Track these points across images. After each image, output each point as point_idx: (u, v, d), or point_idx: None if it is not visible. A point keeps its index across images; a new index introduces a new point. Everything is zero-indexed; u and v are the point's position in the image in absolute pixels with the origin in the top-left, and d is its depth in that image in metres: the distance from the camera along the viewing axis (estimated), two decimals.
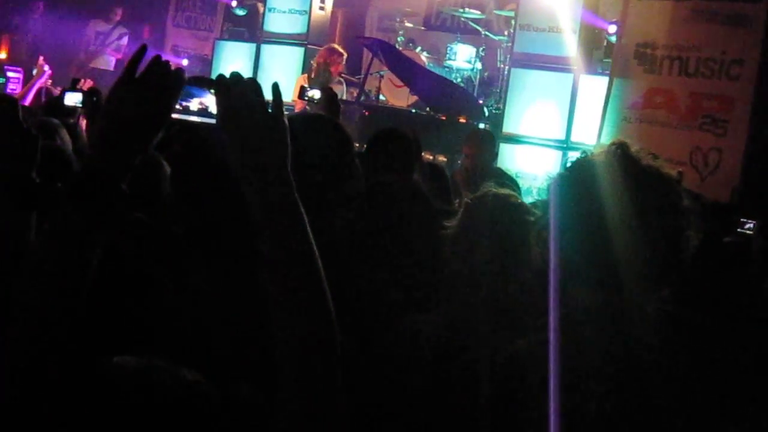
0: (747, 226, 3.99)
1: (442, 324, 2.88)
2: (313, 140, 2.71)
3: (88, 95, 5.44)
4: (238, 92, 1.85)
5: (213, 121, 1.91)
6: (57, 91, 8.48)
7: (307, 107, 7.58)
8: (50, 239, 1.81)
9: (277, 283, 1.79)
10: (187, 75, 1.91)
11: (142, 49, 1.96)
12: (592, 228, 2.17)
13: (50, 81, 9.96)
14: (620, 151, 2.28)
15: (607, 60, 9.89)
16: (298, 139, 2.41)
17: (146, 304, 2.17)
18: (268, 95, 1.89)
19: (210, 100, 1.93)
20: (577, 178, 2.26)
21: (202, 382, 1.63)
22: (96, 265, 1.82)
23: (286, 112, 1.94)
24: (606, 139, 7.62)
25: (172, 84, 1.89)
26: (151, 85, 1.87)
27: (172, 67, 1.91)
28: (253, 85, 1.88)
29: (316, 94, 5.52)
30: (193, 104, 1.95)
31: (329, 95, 5.29)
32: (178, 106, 1.92)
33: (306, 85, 5.68)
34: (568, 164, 2.34)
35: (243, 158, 1.83)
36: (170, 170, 2.79)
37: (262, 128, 1.84)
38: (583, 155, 2.35)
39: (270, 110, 1.87)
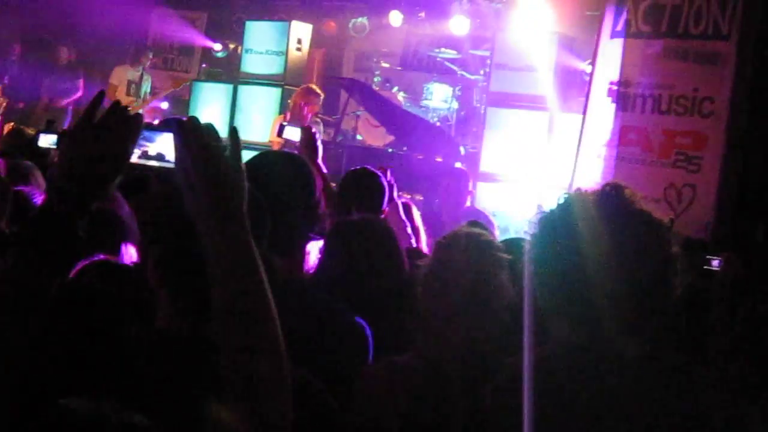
0: (714, 263, 4.00)
1: (418, 365, 2.87)
2: (274, 179, 2.72)
3: (62, 136, 5.43)
4: (194, 137, 1.87)
5: (171, 165, 1.92)
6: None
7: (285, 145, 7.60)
8: (4, 278, 1.81)
9: (228, 323, 1.80)
10: (166, 117, 1.93)
11: (101, 95, 1.99)
12: (578, 267, 2.16)
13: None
14: (614, 192, 2.29)
15: (582, 98, 9.96)
16: (260, 178, 2.42)
17: (102, 345, 2.15)
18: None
19: (168, 146, 1.94)
20: (568, 215, 2.26)
21: (152, 428, 1.62)
22: (50, 304, 1.82)
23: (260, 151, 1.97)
24: (581, 177, 7.66)
25: (130, 129, 1.91)
26: (110, 129, 1.89)
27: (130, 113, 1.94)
28: (209, 129, 1.90)
29: (294, 132, 5.50)
30: (152, 149, 1.97)
31: (308, 134, 5.26)
32: (136, 151, 1.94)
33: (285, 123, 5.67)
34: (560, 201, 2.33)
35: (197, 202, 1.85)
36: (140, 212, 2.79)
37: (218, 172, 1.85)
38: (574, 193, 2.35)
39: (227, 154, 1.89)
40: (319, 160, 4.93)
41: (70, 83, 14.03)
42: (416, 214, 5.67)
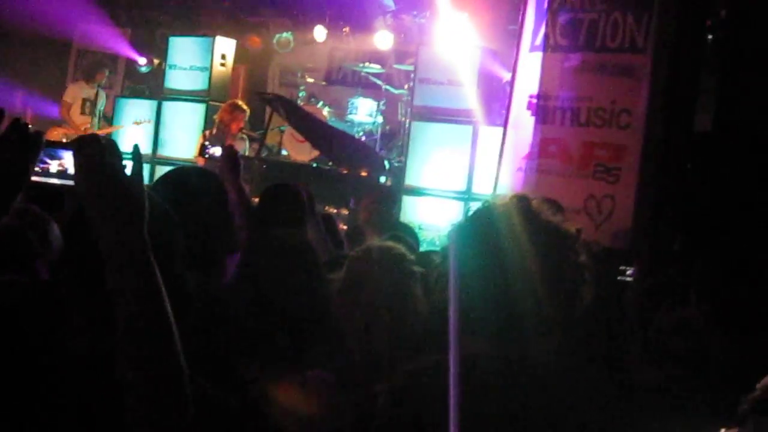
0: (628, 272, 4.08)
1: (329, 378, 2.88)
2: (187, 194, 2.71)
3: None
4: (94, 154, 1.86)
5: (71, 182, 1.91)
6: None
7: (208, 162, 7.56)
8: None
9: (128, 341, 1.80)
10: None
11: (0, 113, 1.96)
12: (490, 278, 2.18)
13: None
14: (521, 204, 2.31)
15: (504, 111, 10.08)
16: (173, 193, 2.41)
17: (18, 367, 2.12)
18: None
19: (69, 163, 1.93)
20: (477, 228, 2.28)
21: None
22: None
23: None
24: (502, 190, 7.74)
25: (31, 146, 1.90)
26: (9, 147, 1.88)
27: (31, 130, 1.92)
28: (110, 146, 1.89)
29: (216, 151, 5.48)
30: (53, 166, 1.95)
31: (229, 152, 5.24)
32: (37, 168, 1.92)
33: (206, 143, 5.64)
34: (469, 214, 2.36)
35: (98, 220, 1.84)
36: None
37: (117, 190, 1.85)
38: (483, 205, 2.36)
39: (129, 171, 1.88)
40: (240, 178, 4.92)
41: None
42: (339, 227, 5.70)
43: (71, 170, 1.92)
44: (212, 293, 2.85)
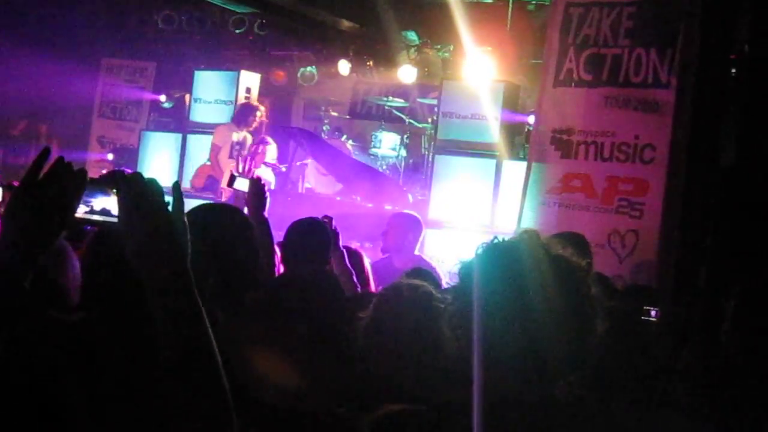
0: (651, 312, 4.06)
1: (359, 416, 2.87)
2: (209, 231, 2.73)
3: (6, 189, 5.39)
4: (137, 192, 1.90)
5: (115, 220, 1.94)
6: None
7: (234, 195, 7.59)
8: None
9: (176, 377, 1.82)
10: (112, 169, 1.95)
11: (45, 152, 1.99)
12: (504, 316, 2.17)
13: None
14: (529, 239, 2.31)
15: (528, 145, 10.10)
16: (199, 230, 2.43)
17: (50, 402, 2.15)
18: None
19: (112, 201, 1.95)
20: (487, 265, 2.26)
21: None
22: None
23: (211, 202, 1.99)
24: (526, 224, 7.74)
25: (74, 185, 1.93)
26: (53, 186, 1.91)
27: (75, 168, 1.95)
28: (153, 184, 1.92)
29: (243, 183, 5.51)
30: (96, 204, 1.98)
31: (257, 186, 5.27)
32: (81, 206, 1.95)
33: (236, 173, 5.68)
34: (477, 251, 2.34)
35: (141, 257, 1.87)
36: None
37: (161, 228, 1.89)
38: (492, 242, 2.36)
39: (170, 209, 1.92)
40: (265, 210, 4.94)
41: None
42: (366, 261, 5.71)
43: (114, 209, 1.94)
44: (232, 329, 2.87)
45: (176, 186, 1.99)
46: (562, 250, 2.31)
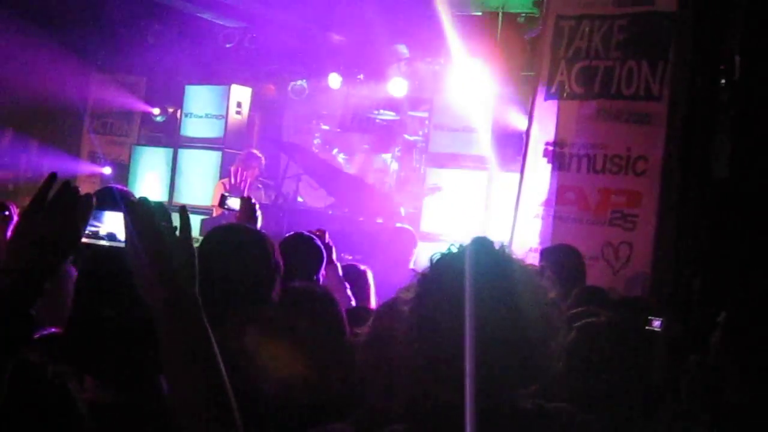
0: (655, 323, 4.06)
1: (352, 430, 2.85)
2: (233, 256, 2.74)
3: None
4: (145, 217, 1.89)
5: (122, 245, 1.93)
6: None
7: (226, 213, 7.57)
8: None
9: (184, 404, 1.81)
10: (107, 185, 1.94)
11: (52, 177, 1.99)
12: (456, 325, 2.14)
13: None
14: (481, 246, 2.28)
15: (520, 157, 10.11)
16: (217, 253, 2.43)
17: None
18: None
19: (119, 225, 1.95)
20: (440, 274, 2.25)
21: None
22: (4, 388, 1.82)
23: (204, 216, 1.99)
24: (519, 236, 7.75)
25: (81, 209, 1.93)
26: (60, 210, 1.90)
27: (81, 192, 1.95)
28: (160, 209, 1.92)
29: (235, 203, 5.53)
30: (102, 228, 1.97)
31: (248, 205, 5.31)
32: (87, 231, 1.95)
33: (226, 193, 5.69)
34: (432, 259, 2.31)
35: (149, 282, 1.86)
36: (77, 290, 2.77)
37: (169, 253, 1.88)
38: (445, 250, 2.33)
39: (177, 233, 1.91)
40: (258, 228, 4.94)
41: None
42: (370, 279, 5.71)
43: (120, 233, 1.94)
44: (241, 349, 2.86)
45: (183, 210, 1.97)
46: (514, 255, 2.29)
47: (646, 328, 3.98)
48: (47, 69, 13.69)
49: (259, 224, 5.11)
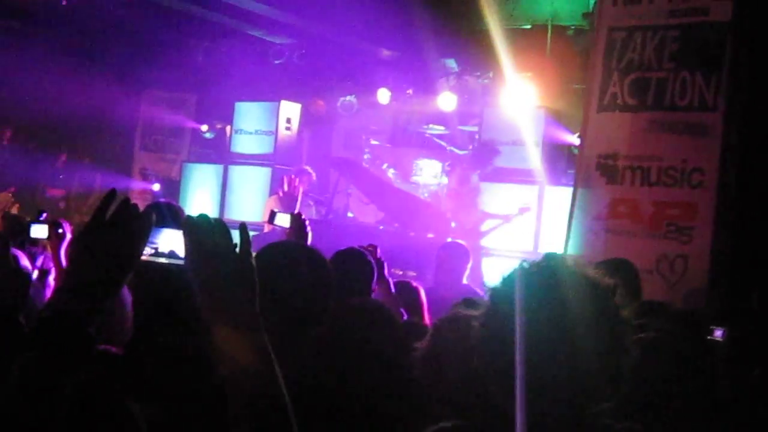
0: (717, 333, 3.99)
1: None
2: (288, 274, 2.72)
3: (52, 226, 5.43)
4: (205, 234, 1.87)
5: (181, 262, 1.91)
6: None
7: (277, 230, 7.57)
8: (18, 382, 1.78)
9: (246, 425, 1.78)
10: (155, 200, 1.92)
11: (112, 194, 1.97)
12: (531, 341, 2.12)
13: (15, 206, 10.00)
14: (555, 262, 2.26)
15: (571, 171, 10.04)
16: (272, 271, 2.40)
17: None
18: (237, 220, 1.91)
19: (179, 242, 1.92)
20: (512, 292, 2.18)
21: None
22: (64, 404, 1.80)
23: (254, 233, 1.96)
24: (572, 251, 7.66)
25: (141, 227, 1.90)
26: (120, 228, 1.88)
27: (141, 209, 1.93)
28: (220, 226, 1.89)
29: (284, 219, 5.51)
30: (162, 246, 1.95)
31: (299, 221, 5.28)
32: (146, 249, 1.92)
33: (276, 210, 5.67)
34: (504, 276, 2.26)
35: (210, 301, 1.83)
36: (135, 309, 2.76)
37: (229, 270, 1.85)
38: (518, 267, 2.31)
39: (237, 251, 1.88)
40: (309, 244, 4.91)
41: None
42: (422, 295, 5.68)
43: (180, 251, 1.91)
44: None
45: (243, 227, 1.93)
46: (591, 271, 2.26)
47: (708, 338, 3.92)
48: (99, 88, 13.86)
49: (308, 240, 5.09)
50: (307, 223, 5.29)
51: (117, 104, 14.61)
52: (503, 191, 11.14)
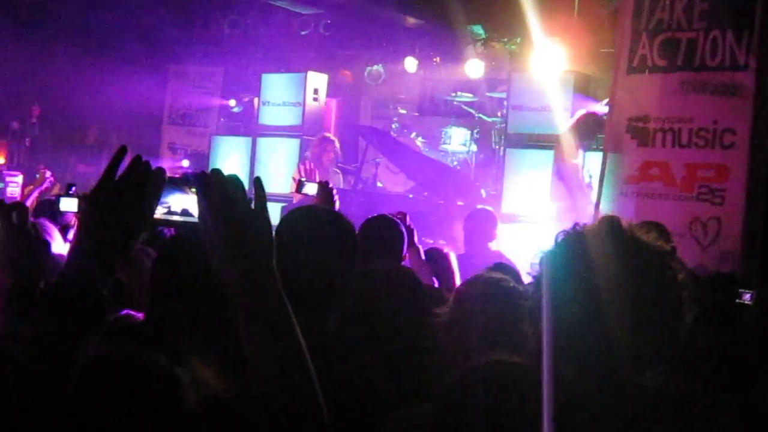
0: (745, 296, 3.93)
1: (432, 417, 2.79)
2: (312, 236, 2.69)
3: (83, 199, 5.43)
4: (218, 189, 1.82)
5: (194, 220, 1.87)
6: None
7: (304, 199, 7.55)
8: (30, 346, 1.76)
9: (264, 378, 1.75)
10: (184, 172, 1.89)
11: (122, 150, 1.91)
12: (584, 305, 2.09)
13: (56, 187, 10.04)
14: (612, 225, 2.22)
15: (601, 135, 9.94)
16: (295, 236, 2.37)
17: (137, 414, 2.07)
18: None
19: (191, 200, 1.88)
20: (567, 253, 2.18)
21: None
22: (79, 369, 1.78)
23: (284, 204, 1.92)
24: (603, 215, 7.58)
25: (153, 185, 1.86)
26: (131, 187, 1.84)
27: (152, 167, 1.89)
28: (233, 180, 1.85)
29: (312, 188, 5.52)
30: (174, 204, 1.91)
31: (325, 189, 5.29)
32: (159, 207, 1.88)
33: (303, 179, 5.66)
34: (559, 239, 2.26)
35: (225, 256, 1.79)
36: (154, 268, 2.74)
37: (244, 224, 1.80)
38: (573, 230, 2.27)
39: (252, 205, 1.84)
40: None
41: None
42: (453, 261, 5.66)
43: (194, 209, 1.87)
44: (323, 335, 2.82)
45: (258, 181, 1.89)
46: (646, 235, 2.21)
47: (737, 301, 3.86)
48: (126, 64, 13.88)
49: (336, 207, 5.07)
50: (334, 191, 5.30)
51: (144, 80, 14.61)
52: (532, 157, 11.06)
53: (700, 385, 2.61)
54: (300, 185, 5.67)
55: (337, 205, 5.22)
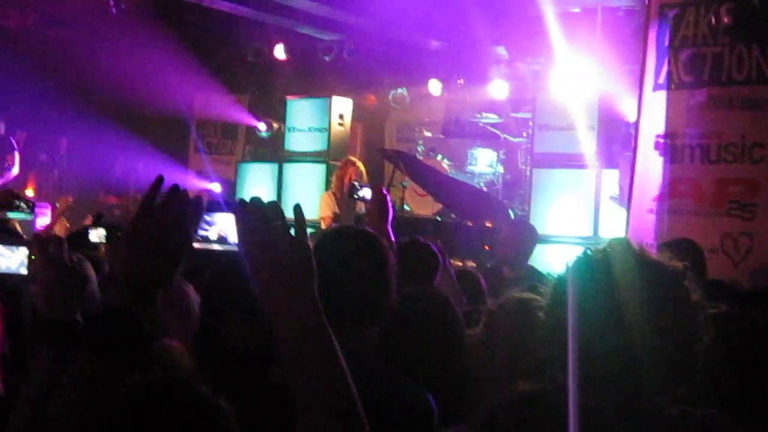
0: None
1: None
2: (348, 258, 2.68)
3: (112, 230, 5.44)
4: (258, 217, 1.80)
5: (233, 248, 1.86)
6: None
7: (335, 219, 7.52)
8: (73, 380, 1.76)
9: (309, 408, 1.73)
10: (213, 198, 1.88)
11: (159, 181, 1.91)
12: (600, 328, 2.07)
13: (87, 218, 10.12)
14: (621, 247, 2.20)
15: (628, 153, 9.90)
16: (332, 257, 2.36)
17: None
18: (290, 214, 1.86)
19: (229, 227, 1.88)
20: (579, 277, 2.15)
21: None
22: (121, 400, 1.77)
23: (311, 230, 1.91)
24: (633, 233, 7.54)
25: (191, 213, 1.86)
26: (170, 216, 1.83)
27: (191, 196, 1.88)
28: (274, 208, 1.83)
29: (367, 192, 5.35)
30: (212, 233, 1.90)
31: (380, 195, 4.98)
32: (197, 235, 1.87)
33: (356, 182, 5.49)
34: (569, 264, 2.22)
35: (266, 284, 1.76)
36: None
37: (285, 252, 1.78)
38: (582, 254, 2.24)
39: (292, 233, 1.82)
40: (389, 224, 4.75)
41: None
42: (483, 282, 5.62)
43: (231, 235, 1.87)
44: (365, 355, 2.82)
45: (298, 208, 1.87)
46: (657, 255, 2.20)
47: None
48: (152, 90, 13.94)
49: (389, 218, 4.86)
50: (389, 198, 5.02)
51: (170, 107, 14.66)
52: (559, 177, 11.04)
53: (726, 410, 2.57)
54: (352, 189, 5.49)
55: (391, 214, 4.96)
